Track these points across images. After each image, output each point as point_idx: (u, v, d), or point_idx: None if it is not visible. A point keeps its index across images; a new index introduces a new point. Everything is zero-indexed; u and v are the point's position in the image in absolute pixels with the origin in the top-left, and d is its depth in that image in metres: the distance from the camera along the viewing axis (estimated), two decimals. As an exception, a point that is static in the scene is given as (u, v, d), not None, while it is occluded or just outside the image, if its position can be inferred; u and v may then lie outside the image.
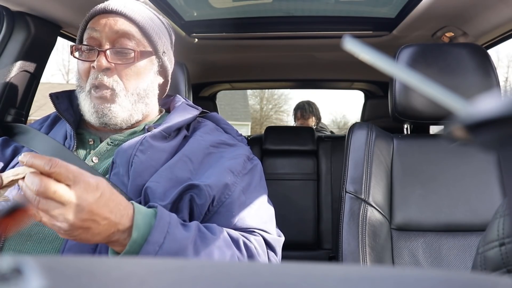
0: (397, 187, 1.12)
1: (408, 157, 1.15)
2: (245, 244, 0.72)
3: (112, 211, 0.59)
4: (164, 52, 0.93)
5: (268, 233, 0.80)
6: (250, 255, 0.72)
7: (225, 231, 0.72)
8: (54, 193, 0.54)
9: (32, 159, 0.55)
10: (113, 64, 0.84)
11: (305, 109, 3.12)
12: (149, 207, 0.67)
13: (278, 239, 0.80)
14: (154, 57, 0.90)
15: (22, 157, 0.56)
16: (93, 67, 0.83)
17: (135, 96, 0.87)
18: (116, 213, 0.59)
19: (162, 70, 0.94)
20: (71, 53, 0.87)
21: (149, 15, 0.91)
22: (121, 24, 0.85)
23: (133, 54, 0.85)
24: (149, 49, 0.89)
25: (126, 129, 0.89)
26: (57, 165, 0.55)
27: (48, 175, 0.55)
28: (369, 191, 1.10)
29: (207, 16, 1.81)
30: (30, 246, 0.68)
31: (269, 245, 0.78)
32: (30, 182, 0.54)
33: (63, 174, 0.55)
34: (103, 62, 0.82)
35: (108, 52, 0.83)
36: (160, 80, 0.94)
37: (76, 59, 0.87)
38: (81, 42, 0.89)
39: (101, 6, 0.87)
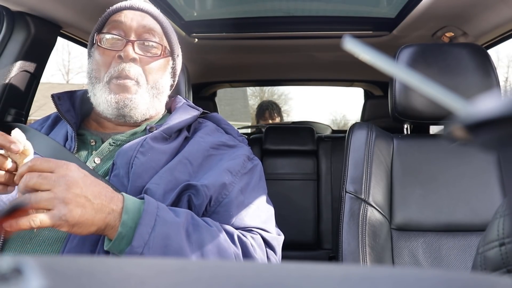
0: (397, 187, 1.12)
1: (408, 157, 1.15)
2: (239, 238, 0.72)
3: (101, 192, 0.60)
4: (178, 55, 0.97)
5: (267, 232, 0.79)
6: (245, 250, 0.72)
7: (220, 225, 0.72)
8: (39, 176, 0.56)
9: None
10: (139, 55, 0.85)
11: (273, 109, 3.17)
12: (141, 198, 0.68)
13: (277, 238, 0.80)
14: (170, 58, 0.94)
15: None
16: (120, 56, 0.84)
17: (155, 90, 0.88)
18: (106, 194, 0.61)
19: (173, 73, 0.97)
20: (96, 42, 0.87)
21: (166, 19, 0.95)
22: (148, 20, 0.89)
23: (158, 49, 0.88)
24: (169, 49, 0.93)
25: (129, 128, 0.89)
26: (36, 160, 0.59)
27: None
28: (369, 191, 1.10)
29: (207, 16, 1.81)
30: (30, 248, 0.68)
31: (268, 244, 0.78)
32: (17, 175, 0.57)
33: (44, 165, 0.58)
34: (130, 51, 0.83)
35: (135, 43, 0.85)
36: (171, 81, 0.96)
37: (99, 47, 0.87)
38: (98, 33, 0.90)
39: (126, 3, 0.90)
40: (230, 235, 0.72)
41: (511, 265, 0.49)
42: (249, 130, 3.41)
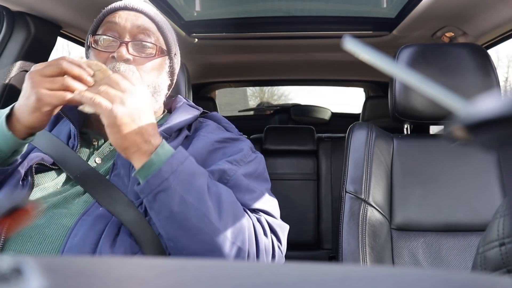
0: (397, 187, 1.12)
1: (408, 157, 1.15)
2: (249, 215, 0.73)
3: (150, 125, 0.68)
4: (175, 54, 0.95)
5: (273, 217, 0.79)
6: (254, 226, 0.72)
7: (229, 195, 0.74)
8: (117, 83, 0.66)
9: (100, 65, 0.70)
10: (133, 56, 0.85)
11: None
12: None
13: (281, 225, 0.79)
14: (167, 57, 0.93)
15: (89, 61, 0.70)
16: (113, 57, 0.83)
17: (151, 88, 0.88)
18: (153, 128, 0.69)
19: (171, 72, 0.96)
20: (90, 44, 0.87)
21: (163, 18, 0.94)
22: (143, 20, 0.88)
23: (153, 49, 0.88)
24: (165, 48, 0.92)
25: None
26: (114, 76, 0.68)
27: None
28: (369, 191, 1.10)
29: (207, 16, 1.81)
30: (30, 247, 0.68)
31: (272, 230, 0.76)
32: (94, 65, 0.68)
33: (120, 83, 0.67)
34: (124, 52, 0.83)
35: (129, 44, 0.85)
36: (169, 81, 0.96)
37: (93, 49, 0.87)
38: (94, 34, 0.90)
39: (120, 3, 0.89)
40: (242, 208, 0.73)
41: (511, 265, 0.49)
42: (252, 113, 3.38)
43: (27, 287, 0.20)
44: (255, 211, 0.77)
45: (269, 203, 0.81)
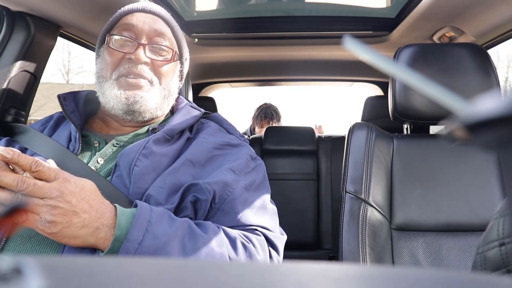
0: (397, 187, 1.12)
1: (408, 157, 1.15)
2: (243, 244, 0.72)
3: (93, 207, 0.62)
4: (186, 59, 0.97)
5: (271, 231, 0.80)
6: (249, 255, 0.72)
7: (222, 230, 0.72)
8: (34, 185, 0.58)
9: (18, 158, 0.59)
10: (150, 59, 0.86)
11: (272, 118, 3.00)
12: (135, 205, 0.68)
13: (280, 237, 0.81)
14: (179, 61, 0.95)
15: (4, 151, 0.59)
16: (130, 58, 0.84)
17: (166, 91, 0.90)
18: (97, 209, 0.63)
19: (181, 76, 0.98)
20: (106, 42, 0.88)
21: (175, 22, 0.94)
22: (160, 24, 0.89)
23: (169, 53, 0.89)
24: (178, 53, 0.93)
25: (132, 129, 0.89)
26: (40, 165, 0.60)
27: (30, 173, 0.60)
28: (369, 191, 1.10)
29: (207, 16, 1.81)
30: (30, 247, 0.68)
31: (271, 243, 0.78)
32: (11, 180, 0.58)
33: (45, 172, 0.60)
34: (142, 55, 0.84)
35: (146, 47, 0.86)
36: (179, 84, 0.97)
37: (108, 48, 0.87)
38: (107, 34, 0.90)
39: (138, 4, 0.90)
40: (232, 241, 0.72)
41: (511, 265, 0.49)
42: None
43: (27, 287, 0.20)
44: (255, 229, 0.78)
45: (268, 214, 0.82)
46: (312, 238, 2.16)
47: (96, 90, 0.90)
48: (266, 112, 3.02)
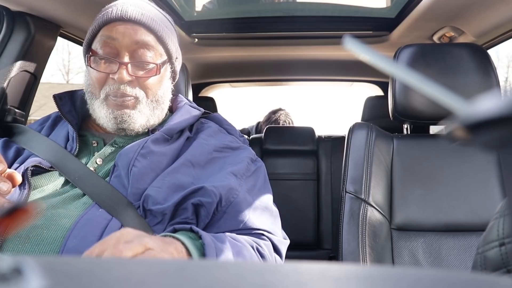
0: (397, 187, 1.12)
1: (408, 157, 1.15)
2: (258, 250, 0.73)
3: (156, 240, 0.60)
4: (176, 57, 0.94)
5: (275, 235, 0.80)
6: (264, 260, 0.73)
7: (237, 237, 0.73)
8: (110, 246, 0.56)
9: None
10: (134, 77, 0.83)
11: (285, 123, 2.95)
12: (182, 228, 0.69)
13: (284, 242, 0.81)
14: (168, 63, 0.91)
15: None
16: (113, 78, 0.82)
17: (155, 103, 0.88)
18: (164, 242, 0.61)
19: (173, 74, 0.96)
20: (88, 63, 0.85)
21: (161, 18, 0.90)
22: (141, 35, 0.84)
23: (153, 66, 0.85)
24: (165, 57, 0.89)
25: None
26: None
27: None
28: (369, 191, 1.10)
29: (207, 16, 1.81)
30: (29, 248, 0.68)
31: (275, 248, 0.78)
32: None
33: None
34: (125, 75, 0.81)
35: (129, 65, 0.82)
36: (172, 84, 0.95)
37: (91, 69, 0.85)
38: (89, 46, 0.87)
39: (117, 13, 0.84)
40: (252, 246, 0.73)
41: (511, 265, 0.49)
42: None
43: (27, 287, 0.20)
44: (261, 234, 0.78)
45: (272, 217, 0.83)
46: (312, 238, 2.16)
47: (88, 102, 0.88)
48: (284, 121, 2.94)
